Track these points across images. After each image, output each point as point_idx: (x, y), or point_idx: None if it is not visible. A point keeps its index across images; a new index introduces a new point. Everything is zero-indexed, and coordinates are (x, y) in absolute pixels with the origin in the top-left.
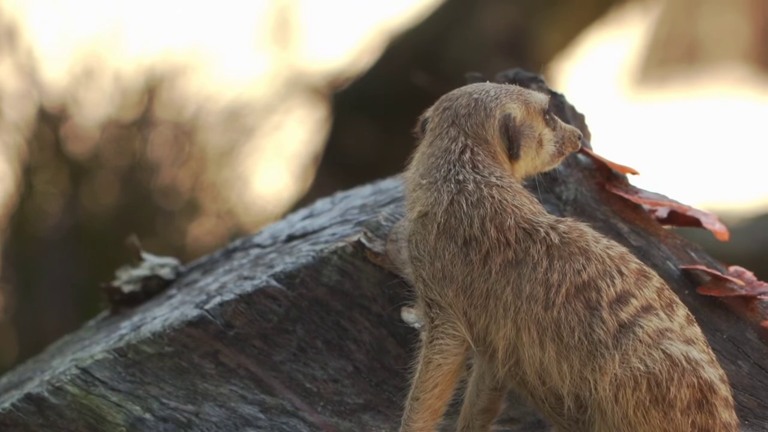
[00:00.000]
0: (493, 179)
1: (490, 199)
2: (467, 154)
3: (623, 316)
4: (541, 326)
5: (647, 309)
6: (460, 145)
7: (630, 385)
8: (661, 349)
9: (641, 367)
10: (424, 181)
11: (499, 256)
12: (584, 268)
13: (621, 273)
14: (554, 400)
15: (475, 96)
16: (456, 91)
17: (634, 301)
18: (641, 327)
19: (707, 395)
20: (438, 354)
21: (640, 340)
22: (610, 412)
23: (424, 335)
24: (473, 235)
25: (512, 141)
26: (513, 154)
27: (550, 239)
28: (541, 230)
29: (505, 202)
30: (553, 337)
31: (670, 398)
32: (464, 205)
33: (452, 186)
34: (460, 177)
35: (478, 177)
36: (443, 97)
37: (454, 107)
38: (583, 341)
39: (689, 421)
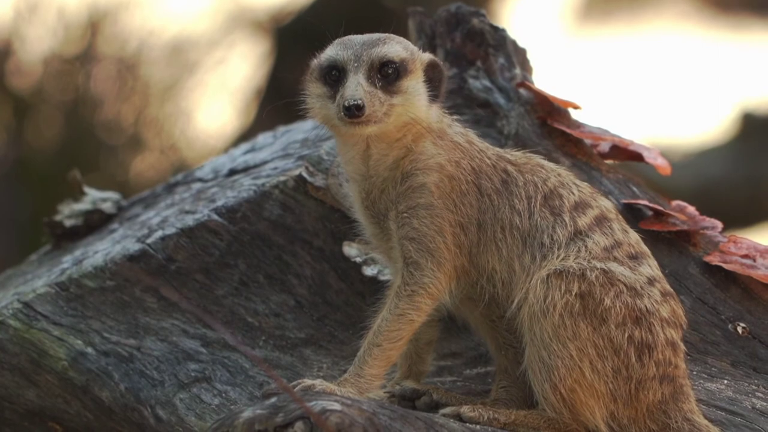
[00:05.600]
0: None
1: (475, 139)
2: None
3: (580, 223)
4: (523, 237)
5: (602, 219)
6: None
7: (561, 287)
8: (604, 265)
9: (575, 267)
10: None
11: (496, 179)
12: (548, 177)
13: (577, 185)
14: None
15: None
16: None
17: (590, 211)
18: (592, 239)
19: (645, 315)
20: (414, 310)
21: (587, 249)
22: (539, 330)
23: (398, 286)
24: (481, 169)
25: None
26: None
27: (513, 158)
28: (504, 153)
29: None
30: (531, 243)
31: (604, 307)
32: (475, 151)
33: (460, 137)
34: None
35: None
36: None
37: None
38: (545, 243)
39: (626, 336)
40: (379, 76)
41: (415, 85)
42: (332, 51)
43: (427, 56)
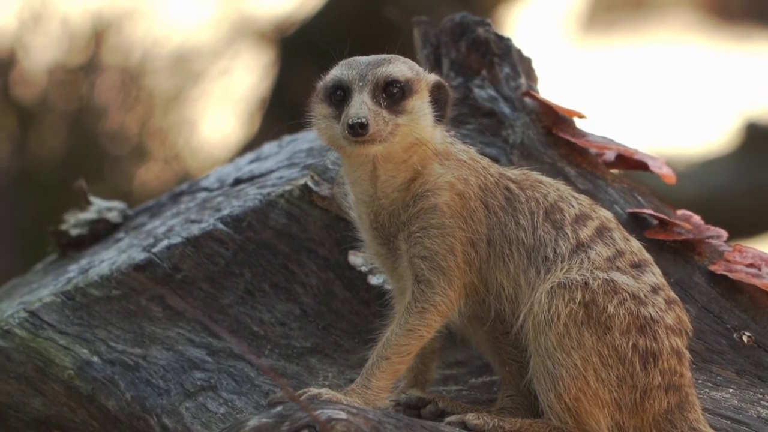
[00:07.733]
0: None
1: (477, 156)
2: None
3: (582, 235)
4: (528, 252)
5: (603, 230)
6: None
7: (564, 297)
8: (607, 275)
9: (578, 278)
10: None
11: (501, 197)
12: (548, 192)
13: (576, 198)
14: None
15: None
16: None
17: (591, 222)
18: (594, 251)
19: (649, 323)
20: (425, 327)
21: (590, 260)
22: (543, 340)
23: (408, 302)
24: (487, 187)
25: None
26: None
27: (513, 176)
28: (503, 170)
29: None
30: (535, 258)
31: (608, 315)
32: (480, 168)
33: (464, 155)
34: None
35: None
36: None
37: None
38: (549, 257)
39: (630, 344)
40: (384, 95)
41: (421, 105)
42: (337, 71)
43: (433, 77)
